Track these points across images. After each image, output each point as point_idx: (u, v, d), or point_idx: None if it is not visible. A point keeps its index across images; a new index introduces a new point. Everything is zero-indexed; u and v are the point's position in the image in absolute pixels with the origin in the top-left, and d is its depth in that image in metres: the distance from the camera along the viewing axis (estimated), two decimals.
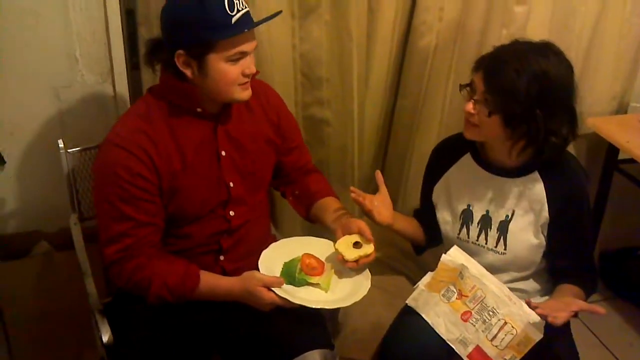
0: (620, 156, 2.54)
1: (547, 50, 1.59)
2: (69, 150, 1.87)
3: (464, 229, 1.79)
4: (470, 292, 1.66)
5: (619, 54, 2.49)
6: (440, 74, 2.31)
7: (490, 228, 1.76)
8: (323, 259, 1.68)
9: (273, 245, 1.71)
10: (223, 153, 1.66)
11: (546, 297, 1.78)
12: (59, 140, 1.87)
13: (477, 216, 1.77)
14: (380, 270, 2.30)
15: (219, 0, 1.46)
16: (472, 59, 2.30)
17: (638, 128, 2.46)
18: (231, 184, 1.69)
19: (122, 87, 2.09)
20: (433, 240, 1.93)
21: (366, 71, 2.27)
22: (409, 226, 1.90)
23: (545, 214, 1.69)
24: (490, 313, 1.63)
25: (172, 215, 1.63)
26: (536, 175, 1.69)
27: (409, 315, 1.73)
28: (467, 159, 1.79)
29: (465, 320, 1.65)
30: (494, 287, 1.66)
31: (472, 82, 1.62)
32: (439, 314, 1.67)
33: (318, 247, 1.71)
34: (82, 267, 1.83)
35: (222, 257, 1.73)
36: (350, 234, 1.66)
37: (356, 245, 1.64)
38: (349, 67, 2.19)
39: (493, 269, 1.74)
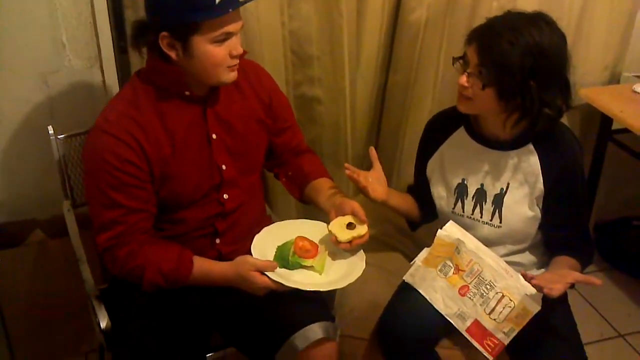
0: (614, 126, 2.53)
1: (539, 20, 1.57)
2: (58, 137, 1.85)
3: (459, 203, 1.79)
4: (467, 267, 1.66)
5: (610, 24, 2.47)
6: (431, 48, 2.29)
7: (485, 201, 1.75)
8: (317, 241, 1.66)
9: (266, 229, 1.69)
10: (214, 136, 1.65)
11: (542, 270, 1.78)
12: (48, 127, 1.85)
13: (471, 190, 1.77)
14: (376, 247, 2.29)
15: None
16: (463, 32, 2.26)
17: (631, 97, 2.45)
18: (223, 167, 1.67)
19: (111, 71, 2.06)
20: (428, 216, 1.93)
21: (357, 47, 2.25)
22: (404, 202, 1.89)
23: (540, 185, 1.69)
24: (488, 287, 1.63)
25: (165, 201, 1.62)
26: (530, 147, 1.69)
27: (406, 292, 1.73)
28: (460, 133, 1.78)
29: (463, 295, 1.65)
30: (491, 260, 1.66)
31: (465, 55, 1.61)
32: (437, 289, 1.67)
33: (312, 229, 1.70)
34: (77, 254, 1.82)
35: (218, 241, 1.72)
36: (343, 214, 1.64)
37: (350, 226, 1.62)
38: (339, 44, 2.16)
39: (488, 243, 1.74)
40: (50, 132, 1.84)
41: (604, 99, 2.45)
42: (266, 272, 1.53)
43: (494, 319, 1.62)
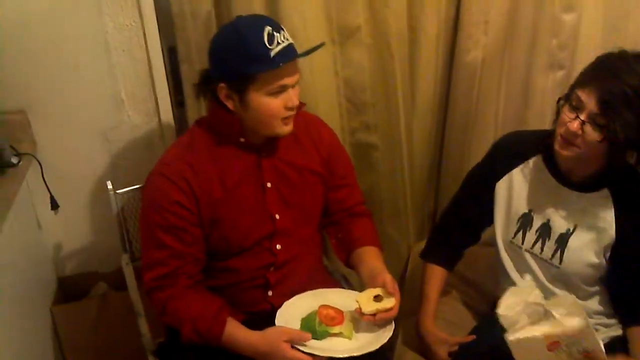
0: None
1: None
2: (117, 191, 1.88)
3: (520, 234, 1.70)
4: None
5: None
6: (489, 89, 2.23)
7: (549, 238, 1.66)
8: (343, 309, 1.60)
9: (286, 303, 1.62)
10: (268, 185, 1.65)
11: (613, 322, 1.69)
12: (107, 182, 1.88)
13: (536, 223, 1.68)
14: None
15: (258, 34, 1.45)
16: (522, 73, 2.22)
17: None
18: (277, 216, 1.66)
19: (169, 125, 2.11)
20: (458, 259, 1.89)
21: (412, 92, 2.22)
22: (440, 287, 1.86)
23: (612, 233, 1.59)
24: (580, 349, 1.51)
25: (216, 247, 1.62)
26: (606, 192, 1.60)
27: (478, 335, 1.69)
28: (537, 161, 1.69)
29: (551, 350, 1.53)
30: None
31: (577, 98, 1.48)
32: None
33: (334, 297, 1.65)
34: (135, 308, 1.84)
35: (270, 293, 1.70)
36: (374, 287, 1.59)
37: (377, 298, 1.55)
38: (393, 90, 2.14)
39: (542, 281, 1.67)
40: (109, 187, 1.87)
41: None
42: (297, 346, 1.48)
43: None
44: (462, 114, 2.29)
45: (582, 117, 1.46)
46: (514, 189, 1.72)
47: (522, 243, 1.70)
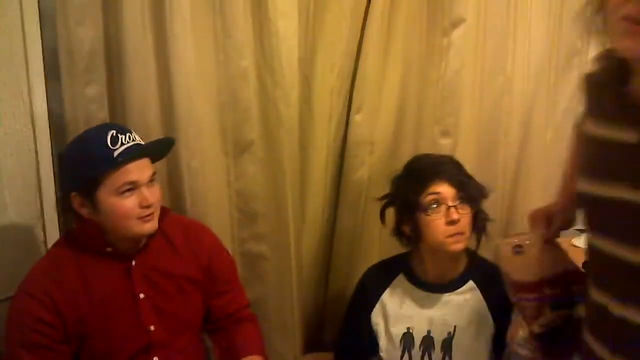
0: None
1: None
2: None
3: (406, 355, 1.73)
4: None
5: (546, 180, 2.56)
6: (375, 205, 2.33)
7: (434, 349, 1.70)
8: None
9: None
10: (141, 295, 1.61)
11: None
12: None
13: (418, 339, 1.72)
14: None
15: (101, 138, 1.47)
16: None
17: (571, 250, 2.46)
18: (151, 328, 1.62)
19: (53, 231, 2.03)
20: None
21: (302, 206, 2.29)
22: None
23: (490, 321, 1.67)
24: None
25: None
26: (471, 284, 1.70)
27: None
28: (400, 281, 1.78)
29: None
30: None
31: (434, 196, 1.65)
32: None
33: None
34: None
35: None
36: None
37: None
38: (283, 203, 2.20)
39: None
40: None
41: None
42: None
43: None
44: (349, 229, 2.37)
45: (450, 203, 1.61)
46: (388, 313, 1.78)
47: None
